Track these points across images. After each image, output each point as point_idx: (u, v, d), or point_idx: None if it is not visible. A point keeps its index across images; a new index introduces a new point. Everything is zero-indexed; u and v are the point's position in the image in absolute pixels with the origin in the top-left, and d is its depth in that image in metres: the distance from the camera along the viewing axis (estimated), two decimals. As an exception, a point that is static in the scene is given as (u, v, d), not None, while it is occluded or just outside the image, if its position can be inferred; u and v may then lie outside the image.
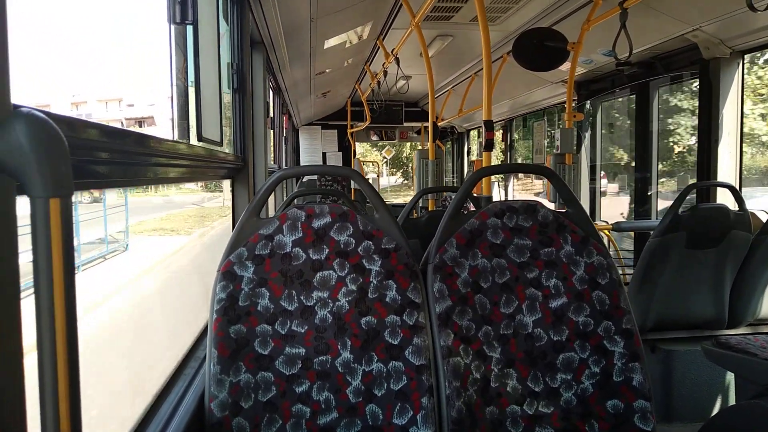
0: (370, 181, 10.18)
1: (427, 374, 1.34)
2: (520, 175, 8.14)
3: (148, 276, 9.68)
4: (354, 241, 1.41)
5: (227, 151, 2.19)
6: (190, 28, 1.56)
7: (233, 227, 1.43)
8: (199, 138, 1.61)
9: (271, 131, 5.05)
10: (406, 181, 27.12)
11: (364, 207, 6.64)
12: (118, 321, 7.00)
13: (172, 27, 1.51)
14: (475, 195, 3.27)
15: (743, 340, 2.10)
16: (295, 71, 4.94)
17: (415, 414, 1.32)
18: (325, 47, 4.37)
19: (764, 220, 2.60)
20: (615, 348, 1.43)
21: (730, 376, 2.57)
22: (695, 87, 3.67)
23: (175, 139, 1.47)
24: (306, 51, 4.32)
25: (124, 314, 7.25)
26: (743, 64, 3.23)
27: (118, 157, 0.88)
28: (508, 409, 1.39)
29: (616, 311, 1.45)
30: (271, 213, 3.45)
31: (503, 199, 3.30)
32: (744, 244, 2.49)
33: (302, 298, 1.37)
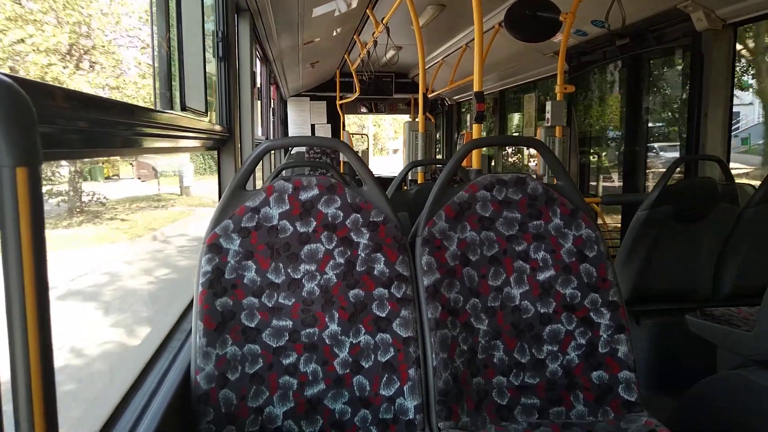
0: (359, 154, 10.12)
1: (414, 346, 1.34)
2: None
3: None
4: (342, 214, 1.40)
5: (213, 121, 2.15)
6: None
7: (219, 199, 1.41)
8: (183, 108, 1.57)
9: (259, 102, 4.96)
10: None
11: (354, 180, 6.63)
12: None
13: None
14: (465, 168, 3.26)
15: (727, 312, 2.13)
16: (283, 40, 4.84)
17: (402, 385, 1.32)
18: (313, 15, 4.27)
19: (751, 193, 2.61)
20: (601, 320, 1.44)
21: (714, 348, 2.61)
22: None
23: (157, 108, 1.43)
24: (294, 19, 4.22)
25: None
26: (735, 36, 3.20)
27: (96, 127, 0.85)
28: (494, 380, 1.40)
29: (603, 284, 1.46)
30: (259, 186, 3.40)
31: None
32: (730, 217, 2.50)
33: (289, 270, 1.36)
